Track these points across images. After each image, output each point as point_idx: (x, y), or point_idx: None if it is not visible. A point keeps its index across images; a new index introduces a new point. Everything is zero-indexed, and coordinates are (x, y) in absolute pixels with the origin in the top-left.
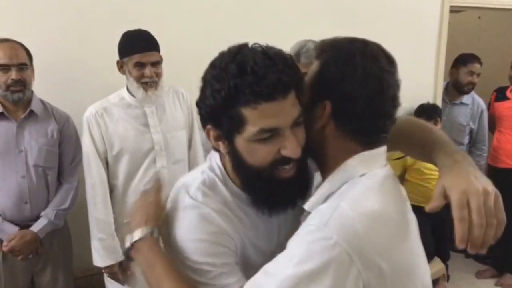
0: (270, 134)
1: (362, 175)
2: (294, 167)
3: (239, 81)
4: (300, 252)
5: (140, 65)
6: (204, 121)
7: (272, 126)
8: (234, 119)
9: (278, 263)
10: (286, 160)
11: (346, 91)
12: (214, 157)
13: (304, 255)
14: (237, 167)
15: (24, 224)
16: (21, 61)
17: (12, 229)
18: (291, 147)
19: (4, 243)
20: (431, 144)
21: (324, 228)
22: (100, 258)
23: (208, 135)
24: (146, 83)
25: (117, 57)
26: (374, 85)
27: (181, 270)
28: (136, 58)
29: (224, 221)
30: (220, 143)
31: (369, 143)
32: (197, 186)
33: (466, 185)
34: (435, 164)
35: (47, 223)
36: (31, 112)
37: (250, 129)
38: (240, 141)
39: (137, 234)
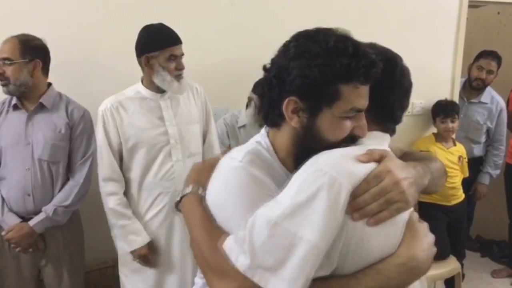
0: (355, 114)
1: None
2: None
3: (354, 61)
4: (296, 184)
5: (174, 58)
6: (287, 93)
7: (360, 107)
8: (331, 94)
9: (279, 197)
10: (353, 139)
11: (384, 83)
12: (262, 138)
13: (300, 186)
14: (306, 141)
15: (28, 217)
16: (2, 55)
17: (13, 221)
18: (365, 128)
19: (3, 233)
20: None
21: (315, 164)
22: (126, 243)
23: (287, 105)
24: (179, 74)
25: (131, 54)
26: (406, 84)
27: (214, 225)
28: (170, 51)
29: (271, 184)
30: (296, 116)
31: (385, 129)
32: (245, 153)
33: (395, 169)
34: None
35: (45, 219)
36: (41, 105)
37: (343, 106)
38: (326, 116)
39: (186, 190)
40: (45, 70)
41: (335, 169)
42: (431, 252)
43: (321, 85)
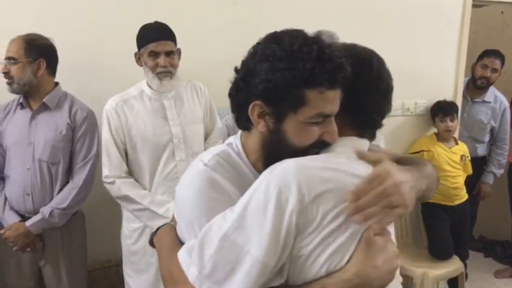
0: (322, 119)
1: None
2: (318, 152)
3: (318, 66)
4: (248, 195)
5: (154, 55)
6: (253, 96)
7: (328, 112)
8: (295, 99)
9: (234, 207)
10: (322, 144)
11: (359, 86)
12: (234, 140)
13: (250, 198)
14: (273, 145)
15: (28, 216)
16: (8, 54)
17: (12, 219)
18: (334, 134)
19: (1, 232)
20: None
21: (269, 175)
22: (163, 218)
23: (252, 110)
24: (160, 72)
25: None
26: (383, 87)
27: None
28: (150, 47)
29: (233, 189)
30: (262, 120)
31: (361, 134)
32: (212, 156)
33: (394, 172)
34: None
35: (40, 220)
36: (45, 104)
37: (308, 111)
38: (292, 121)
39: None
40: (51, 70)
41: (285, 183)
42: (390, 267)
43: (285, 89)
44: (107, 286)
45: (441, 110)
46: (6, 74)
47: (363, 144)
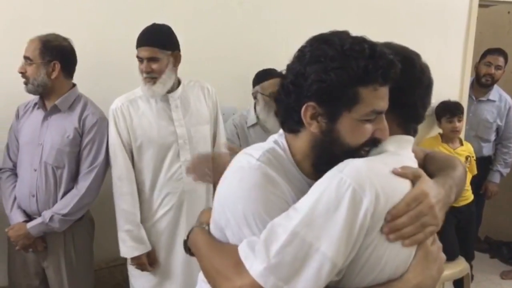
0: (375, 116)
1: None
2: (369, 150)
3: (372, 63)
4: (318, 193)
5: (140, 59)
6: (305, 98)
7: (380, 109)
8: (349, 97)
9: (298, 205)
10: (374, 142)
11: (404, 83)
12: (279, 138)
13: (321, 195)
14: (326, 145)
15: (34, 217)
16: (25, 54)
17: (17, 219)
18: (386, 131)
19: (6, 230)
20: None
21: (339, 174)
22: (127, 249)
23: (305, 111)
24: (145, 78)
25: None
26: (426, 81)
27: (221, 245)
28: (137, 52)
29: (286, 186)
30: (315, 121)
31: (407, 130)
32: (262, 152)
33: (430, 192)
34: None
35: (40, 224)
36: (56, 107)
37: (362, 109)
38: (346, 120)
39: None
40: (67, 72)
41: (359, 183)
42: (440, 275)
43: (339, 89)
44: (112, 285)
45: (449, 111)
46: (23, 74)
47: (409, 140)
